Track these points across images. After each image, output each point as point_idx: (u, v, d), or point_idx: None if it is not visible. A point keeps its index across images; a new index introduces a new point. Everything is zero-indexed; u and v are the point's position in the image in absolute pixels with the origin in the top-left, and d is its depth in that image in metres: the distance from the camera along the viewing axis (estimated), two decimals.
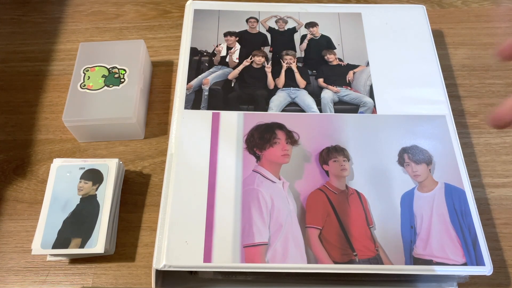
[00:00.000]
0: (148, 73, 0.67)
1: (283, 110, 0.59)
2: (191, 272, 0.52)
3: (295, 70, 0.63)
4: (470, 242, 0.49)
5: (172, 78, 0.69)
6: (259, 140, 0.55)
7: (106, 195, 0.54)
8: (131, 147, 0.62)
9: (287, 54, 0.64)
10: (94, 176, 0.55)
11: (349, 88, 0.61)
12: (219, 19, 0.67)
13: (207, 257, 0.48)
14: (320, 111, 0.59)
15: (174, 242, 0.48)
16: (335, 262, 0.48)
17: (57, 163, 0.56)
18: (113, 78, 0.62)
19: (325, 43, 0.65)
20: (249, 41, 0.65)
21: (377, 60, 0.63)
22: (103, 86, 0.61)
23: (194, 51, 0.64)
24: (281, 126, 0.57)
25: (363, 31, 0.66)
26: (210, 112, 0.58)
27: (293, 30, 0.67)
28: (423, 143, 0.56)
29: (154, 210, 0.57)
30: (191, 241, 0.49)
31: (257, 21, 0.67)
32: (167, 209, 0.51)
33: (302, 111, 0.59)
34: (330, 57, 0.64)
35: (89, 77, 0.62)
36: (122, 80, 0.62)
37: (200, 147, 0.55)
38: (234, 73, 0.62)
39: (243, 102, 0.59)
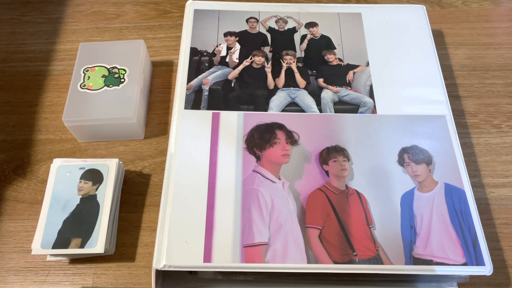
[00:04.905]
0: (148, 73, 0.67)
1: (283, 110, 0.59)
2: (191, 272, 0.52)
3: (295, 70, 0.63)
4: (470, 242, 0.49)
5: (172, 78, 0.69)
6: (259, 140, 0.55)
7: (106, 195, 0.54)
8: (131, 147, 0.62)
9: (287, 54, 0.64)
10: (94, 176, 0.55)
11: (349, 88, 0.61)
12: (219, 19, 0.67)
13: (207, 257, 0.48)
14: (320, 111, 0.59)
15: (174, 242, 0.49)
16: (335, 262, 0.48)
17: (57, 163, 0.56)
18: (113, 78, 0.62)
19: (325, 43, 0.65)
20: (249, 41, 0.65)
21: (377, 60, 0.63)
22: (103, 86, 0.61)
23: (194, 51, 0.64)
24: (281, 126, 0.57)
25: (363, 31, 0.66)
26: (210, 112, 0.58)
27: (293, 30, 0.67)
28: (423, 143, 0.56)
29: (154, 210, 0.57)
30: (191, 241, 0.49)
31: (257, 21, 0.67)
32: (167, 209, 0.51)
33: (302, 111, 0.59)
34: (330, 57, 0.64)
35: (89, 77, 0.62)
36: (122, 80, 0.62)
37: (200, 147, 0.55)
38: (234, 73, 0.62)
39: (243, 102, 0.59)
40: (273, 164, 0.54)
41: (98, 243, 0.51)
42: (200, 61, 0.63)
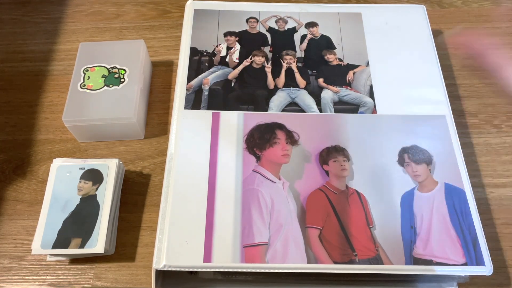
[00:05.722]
0: (148, 73, 0.67)
1: (283, 110, 0.59)
2: (191, 272, 0.52)
3: (295, 70, 0.63)
4: (470, 242, 0.49)
5: (172, 78, 0.69)
6: (259, 140, 0.55)
7: (106, 195, 0.54)
8: (131, 147, 0.62)
9: (287, 54, 0.64)
10: (94, 176, 0.55)
11: (349, 88, 0.61)
12: (219, 19, 0.67)
13: (207, 257, 0.48)
14: (320, 111, 0.59)
15: (174, 242, 0.48)
16: (335, 262, 0.48)
17: (57, 163, 0.56)
18: (113, 78, 0.62)
19: (325, 43, 0.65)
20: (249, 41, 0.65)
21: (377, 60, 0.63)
22: (103, 86, 0.61)
23: (194, 51, 0.64)
24: (281, 126, 0.57)
25: (363, 31, 0.66)
26: (210, 112, 0.58)
27: (293, 30, 0.67)
28: (423, 143, 0.56)
29: (154, 210, 0.57)
30: (191, 241, 0.49)
31: (257, 21, 0.67)
32: (167, 209, 0.51)
33: (302, 111, 0.59)
34: (330, 57, 0.64)
35: (89, 77, 0.62)
36: (122, 80, 0.62)
37: (200, 147, 0.55)
38: (234, 73, 0.62)
39: (243, 102, 0.59)
40: (273, 164, 0.54)
41: (98, 243, 0.51)
42: (200, 61, 0.63)
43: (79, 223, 0.52)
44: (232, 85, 0.61)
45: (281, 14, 0.68)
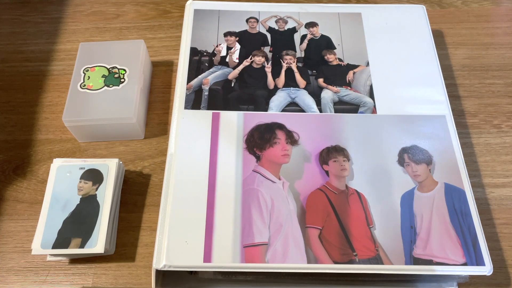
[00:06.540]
0: (148, 73, 0.67)
1: (283, 110, 0.59)
2: (191, 272, 0.52)
3: (295, 70, 0.63)
4: (470, 242, 0.49)
5: (172, 78, 0.69)
6: (259, 140, 0.55)
7: (106, 195, 0.54)
8: (131, 147, 0.62)
9: (287, 54, 0.64)
10: (94, 176, 0.55)
11: (349, 88, 0.61)
12: (219, 19, 0.67)
13: (207, 257, 0.48)
14: (320, 111, 0.59)
15: (174, 242, 0.49)
16: (335, 262, 0.48)
17: (57, 163, 0.56)
18: (113, 78, 0.62)
19: (325, 43, 0.65)
20: (249, 41, 0.65)
21: (377, 60, 0.63)
22: (103, 86, 0.61)
23: (194, 51, 0.64)
24: (281, 126, 0.57)
25: (363, 31, 0.66)
26: (210, 112, 0.58)
27: (293, 30, 0.67)
28: (423, 143, 0.56)
29: (154, 210, 0.57)
30: (191, 241, 0.49)
31: (257, 21, 0.67)
32: (167, 209, 0.51)
33: (302, 111, 0.59)
34: (330, 57, 0.64)
35: (89, 77, 0.62)
36: (122, 80, 0.62)
37: (200, 147, 0.55)
38: (234, 73, 0.62)
39: (243, 102, 0.59)
40: (273, 164, 0.54)
41: (98, 243, 0.51)
42: (200, 61, 0.63)
43: (79, 223, 0.52)
44: (232, 85, 0.61)
45: (281, 14, 0.68)
